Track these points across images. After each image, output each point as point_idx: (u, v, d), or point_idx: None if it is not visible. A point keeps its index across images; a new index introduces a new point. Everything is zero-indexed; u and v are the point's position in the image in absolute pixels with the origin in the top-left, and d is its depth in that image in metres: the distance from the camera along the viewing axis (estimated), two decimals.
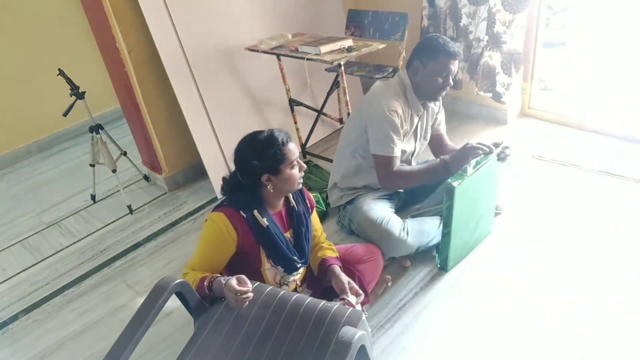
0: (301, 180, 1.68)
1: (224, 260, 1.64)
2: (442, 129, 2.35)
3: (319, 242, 1.89)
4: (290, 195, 1.72)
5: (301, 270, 1.81)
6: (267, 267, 1.69)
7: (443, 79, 2.02)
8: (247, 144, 1.62)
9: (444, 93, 2.09)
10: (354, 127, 2.20)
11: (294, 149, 1.62)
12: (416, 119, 2.17)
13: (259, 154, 1.58)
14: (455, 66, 2.02)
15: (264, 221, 1.61)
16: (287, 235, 1.72)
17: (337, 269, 1.76)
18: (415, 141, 2.24)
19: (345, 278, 1.72)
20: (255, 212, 1.61)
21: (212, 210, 1.64)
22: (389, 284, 2.08)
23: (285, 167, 1.59)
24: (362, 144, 2.16)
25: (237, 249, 1.62)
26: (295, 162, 1.62)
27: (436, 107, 2.26)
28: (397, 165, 2.09)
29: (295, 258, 1.70)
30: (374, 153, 2.09)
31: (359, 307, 1.67)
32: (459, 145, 2.17)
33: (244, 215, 1.60)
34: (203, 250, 1.63)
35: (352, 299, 1.65)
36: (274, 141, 1.58)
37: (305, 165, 1.67)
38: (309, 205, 1.80)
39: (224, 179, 1.72)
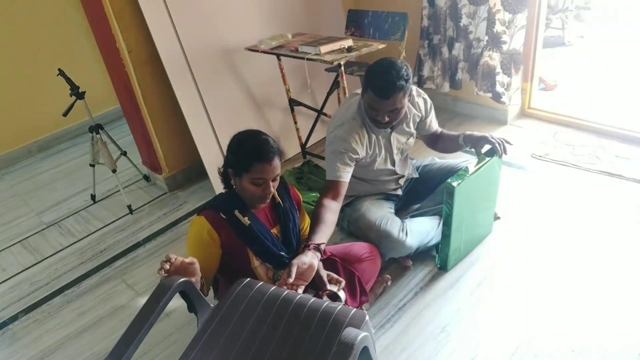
0: (264, 199, 1.63)
1: (214, 263, 1.65)
2: (434, 125, 2.26)
3: (304, 234, 1.90)
4: (275, 192, 1.72)
5: None
6: (257, 264, 1.70)
7: (375, 113, 1.90)
8: (239, 137, 1.62)
9: (383, 127, 1.98)
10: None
11: (265, 169, 1.55)
12: (383, 138, 2.09)
13: (234, 150, 1.59)
14: (387, 105, 1.85)
15: (246, 220, 1.62)
16: (274, 231, 1.73)
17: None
18: (392, 154, 2.15)
19: (323, 272, 1.70)
20: (237, 212, 1.62)
21: (196, 214, 1.66)
22: (389, 283, 2.08)
23: (246, 177, 1.57)
24: None
25: (223, 249, 1.64)
26: (259, 181, 1.57)
27: (420, 112, 2.16)
28: (341, 191, 1.96)
29: (283, 254, 1.71)
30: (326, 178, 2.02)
31: (341, 294, 1.70)
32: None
33: (225, 217, 1.61)
34: (191, 256, 1.63)
35: (333, 287, 1.68)
36: (254, 151, 1.55)
37: (272, 191, 1.61)
38: (294, 202, 1.81)
39: (219, 169, 1.73)
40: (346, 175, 1.97)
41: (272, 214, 1.75)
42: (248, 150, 1.57)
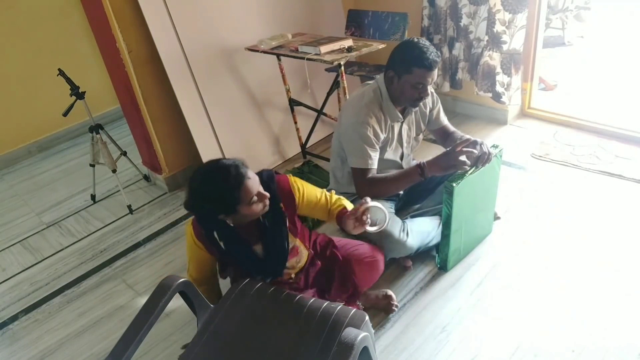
0: (266, 208, 1.56)
1: (209, 265, 1.71)
2: (444, 120, 2.28)
3: (331, 205, 1.75)
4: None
5: (297, 264, 1.79)
6: None
7: (419, 90, 1.94)
8: (199, 188, 1.48)
9: (421, 103, 2.04)
10: (337, 137, 2.18)
11: (250, 186, 1.47)
12: (397, 126, 2.11)
13: (210, 201, 1.47)
14: (432, 76, 1.92)
15: (221, 244, 1.61)
16: (258, 248, 1.67)
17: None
18: (402, 147, 2.18)
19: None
20: (215, 234, 1.59)
21: (189, 220, 1.68)
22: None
23: (243, 206, 1.48)
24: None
25: (211, 255, 1.68)
26: (254, 198, 1.49)
27: (426, 107, 2.19)
28: (373, 174, 2.02)
29: (261, 276, 1.67)
30: (351, 166, 2.03)
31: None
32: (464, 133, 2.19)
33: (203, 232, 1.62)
34: (189, 258, 1.71)
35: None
36: (226, 186, 1.44)
37: (267, 194, 1.52)
38: (282, 208, 1.65)
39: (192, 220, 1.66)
40: (375, 162, 2.02)
41: (257, 227, 1.65)
42: (223, 189, 1.45)
